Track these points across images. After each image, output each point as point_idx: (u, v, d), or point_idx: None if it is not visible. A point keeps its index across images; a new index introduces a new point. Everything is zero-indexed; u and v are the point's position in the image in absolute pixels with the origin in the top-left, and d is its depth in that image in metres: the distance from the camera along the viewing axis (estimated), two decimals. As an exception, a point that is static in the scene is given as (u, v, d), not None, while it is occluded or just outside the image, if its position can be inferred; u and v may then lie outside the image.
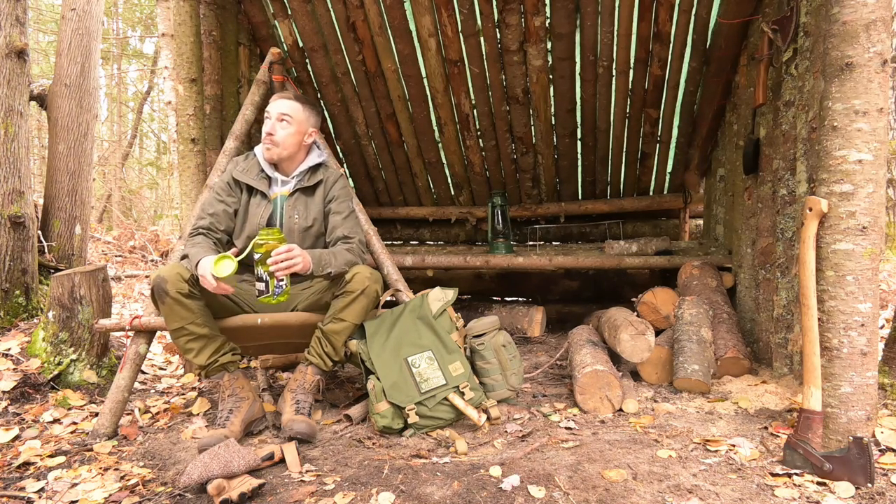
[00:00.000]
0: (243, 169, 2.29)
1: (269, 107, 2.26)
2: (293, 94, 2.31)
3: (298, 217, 2.24)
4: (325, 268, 2.09)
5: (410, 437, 2.02)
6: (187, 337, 2.02)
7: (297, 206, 2.26)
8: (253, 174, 2.28)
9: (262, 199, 2.25)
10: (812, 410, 1.71)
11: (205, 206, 2.27)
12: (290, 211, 2.25)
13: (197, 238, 2.16)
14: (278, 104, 2.24)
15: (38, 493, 1.70)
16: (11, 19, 3.08)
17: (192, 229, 2.22)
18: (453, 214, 4.21)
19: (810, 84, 2.15)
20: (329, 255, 2.12)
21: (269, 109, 2.25)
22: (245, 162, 2.32)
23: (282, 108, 2.23)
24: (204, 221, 2.21)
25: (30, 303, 3.08)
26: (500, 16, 2.94)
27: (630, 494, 1.56)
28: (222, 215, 2.23)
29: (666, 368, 2.54)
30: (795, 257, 2.30)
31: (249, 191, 2.27)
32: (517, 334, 3.55)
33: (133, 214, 10.47)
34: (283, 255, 1.95)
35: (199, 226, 2.21)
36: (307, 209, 2.26)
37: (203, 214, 2.24)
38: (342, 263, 2.14)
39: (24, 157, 3.15)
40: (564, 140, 3.57)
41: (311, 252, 2.08)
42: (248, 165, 2.30)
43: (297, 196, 2.27)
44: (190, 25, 2.82)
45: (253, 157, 2.32)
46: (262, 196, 2.26)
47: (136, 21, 11.25)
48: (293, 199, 2.26)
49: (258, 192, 2.26)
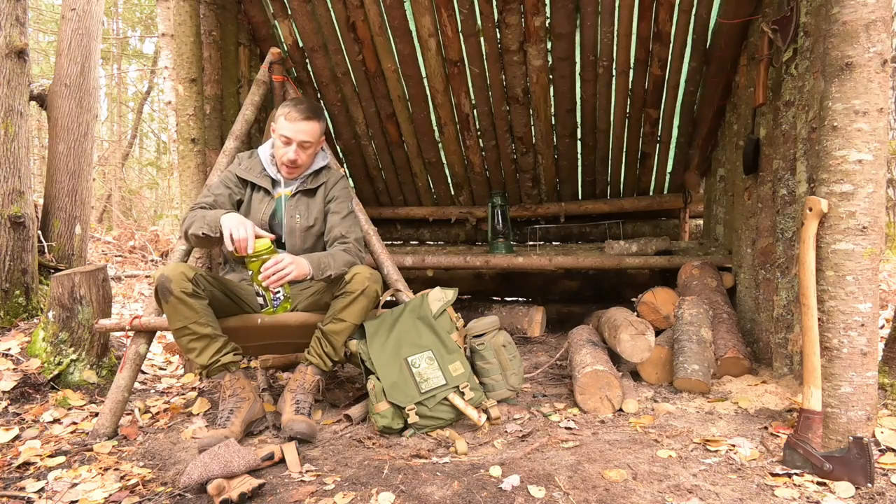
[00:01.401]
0: (246, 167, 2.30)
1: (287, 130, 2.15)
2: (305, 109, 2.18)
3: (300, 217, 2.25)
4: (325, 271, 2.08)
5: (410, 437, 2.02)
6: (190, 336, 2.02)
7: (299, 206, 2.27)
8: (256, 172, 2.28)
9: (265, 195, 2.27)
10: (812, 410, 1.71)
11: (211, 187, 2.28)
12: (292, 211, 2.26)
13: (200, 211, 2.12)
14: (299, 130, 2.16)
15: (38, 493, 1.69)
16: (11, 19, 3.08)
17: (194, 205, 2.18)
18: (453, 214, 4.21)
19: (810, 84, 2.15)
20: (328, 258, 2.11)
21: (288, 134, 2.15)
22: (249, 160, 2.32)
23: (303, 135, 2.17)
24: (208, 199, 2.19)
25: (30, 303, 3.08)
26: (500, 16, 2.94)
27: (630, 494, 1.56)
28: (226, 198, 2.23)
29: (666, 368, 2.54)
30: (795, 257, 2.30)
31: (252, 187, 2.29)
32: (517, 334, 3.55)
33: (133, 214, 10.47)
34: (272, 268, 1.94)
35: (203, 202, 2.18)
36: (308, 209, 2.28)
37: (208, 193, 2.23)
38: (341, 265, 2.13)
39: (24, 157, 3.14)
40: (564, 140, 3.57)
41: (310, 257, 2.07)
42: (251, 164, 2.31)
43: (299, 197, 2.28)
44: (190, 25, 2.82)
45: (256, 157, 2.32)
46: (266, 193, 2.27)
47: (136, 21, 11.25)
48: (294, 200, 2.27)
49: (261, 189, 2.28)
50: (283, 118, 2.18)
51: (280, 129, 2.18)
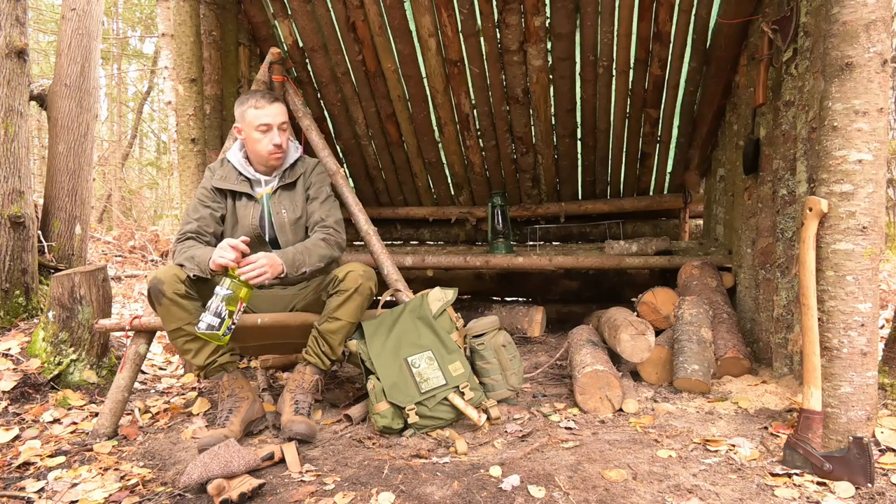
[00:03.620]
0: (221, 176, 2.25)
1: (263, 118, 2.16)
2: (268, 94, 2.22)
3: (286, 211, 2.24)
4: (300, 268, 2.06)
5: (410, 437, 2.02)
6: (185, 338, 2.02)
7: (283, 201, 2.25)
8: (232, 179, 2.24)
9: (248, 200, 2.24)
10: (812, 410, 1.71)
11: (190, 212, 2.23)
12: (277, 207, 2.24)
13: (187, 242, 2.13)
14: (275, 114, 2.18)
15: (38, 493, 1.70)
16: (11, 19, 3.08)
17: (180, 234, 2.17)
18: (453, 214, 4.21)
19: (810, 84, 2.15)
20: (303, 255, 2.08)
21: (267, 121, 2.16)
22: (221, 169, 2.28)
23: (280, 117, 2.19)
24: (191, 226, 2.17)
25: (30, 303, 3.08)
26: (500, 16, 2.94)
27: (630, 494, 1.56)
28: (209, 219, 2.19)
29: (666, 368, 2.54)
30: (795, 257, 2.30)
31: (233, 195, 2.25)
32: (517, 334, 3.55)
33: (133, 214, 10.46)
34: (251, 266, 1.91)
35: (187, 230, 2.16)
36: (292, 202, 2.26)
37: (189, 219, 2.19)
38: (316, 260, 2.11)
39: (24, 157, 3.14)
40: (564, 140, 3.57)
41: (283, 253, 2.05)
42: (224, 172, 2.27)
43: (280, 192, 2.26)
44: (190, 25, 2.82)
45: (227, 163, 2.28)
46: (248, 198, 2.24)
47: (136, 21, 11.26)
48: (277, 196, 2.26)
49: (242, 195, 2.24)
50: (251, 109, 2.17)
51: (254, 119, 2.16)
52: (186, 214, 2.24)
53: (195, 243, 2.12)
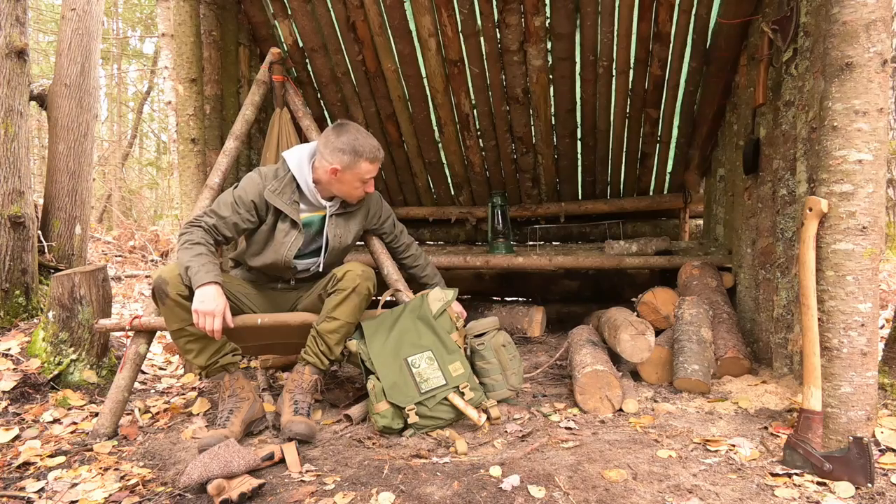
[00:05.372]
0: (275, 189, 2.14)
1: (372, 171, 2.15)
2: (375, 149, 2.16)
3: (340, 237, 2.27)
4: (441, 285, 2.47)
5: (410, 437, 2.02)
6: (187, 338, 2.02)
7: (339, 225, 2.27)
8: (286, 196, 2.15)
9: (291, 226, 2.16)
10: (812, 410, 1.71)
11: (218, 207, 2.12)
12: (334, 230, 2.25)
13: (197, 234, 2.05)
14: (371, 168, 2.15)
15: (38, 493, 1.70)
16: (11, 19, 3.09)
17: (195, 219, 2.10)
18: (453, 214, 4.21)
19: (810, 84, 2.15)
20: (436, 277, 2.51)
21: (372, 175, 2.16)
22: (276, 181, 2.15)
23: (374, 171, 2.18)
24: (210, 220, 2.09)
25: (30, 303, 3.08)
26: (500, 16, 2.94)
27: (630, 494, 1.56)
28: (231, 226, 2.11)
29: (666, 368, 2.54)
30: (795, 257, 2.30)
31: (277, 214, 2.16)
32: (517, 334, 3.55)
33: (133, 214, 10.46)
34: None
35: (204, 222, 2.09)
36: (347, 228, 2.29)
37: (212, 213, 2.11)
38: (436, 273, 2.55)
39: (24, 157, 3.15)
40: (564, 140, 3.57)
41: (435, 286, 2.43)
42: (280, 186, 2.15)
43: (339, 216, 2.27)
44: (190, 25, 2.82)
45: (289, 178, 2.16)
46: (293, 224, 2.16)
47: (136, 21, 11.25)
48: (335, 219, 2.26)
49: (287, 219, 2.16)
50: (365, 164, 2.12)
51: (365, 174, 2.14)
52: (213, 207, 2.14)
53: (202, 241, 2.04)
